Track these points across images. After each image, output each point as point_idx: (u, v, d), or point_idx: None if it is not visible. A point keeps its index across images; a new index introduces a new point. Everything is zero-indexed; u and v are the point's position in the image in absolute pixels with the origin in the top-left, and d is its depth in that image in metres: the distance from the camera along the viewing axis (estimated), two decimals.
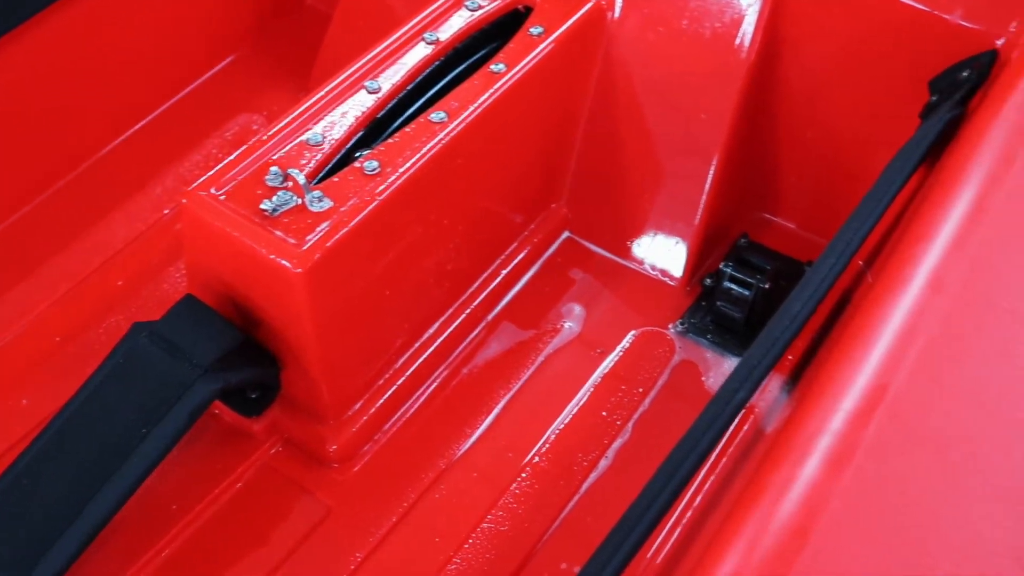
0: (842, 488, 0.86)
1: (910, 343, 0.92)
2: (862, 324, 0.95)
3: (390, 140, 1.36)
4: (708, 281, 1.60)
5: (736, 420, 1.04)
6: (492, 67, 1.46)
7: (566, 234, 1.70)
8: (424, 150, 1.35)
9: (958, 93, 1.31)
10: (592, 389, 1.50)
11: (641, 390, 1.49)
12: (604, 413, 1.47)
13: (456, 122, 1.38)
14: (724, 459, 1.34)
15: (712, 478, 1.32)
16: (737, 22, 1.53)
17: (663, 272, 1.64)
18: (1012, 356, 0.93)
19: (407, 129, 1.38)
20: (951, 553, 0.83)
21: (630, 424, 1.46)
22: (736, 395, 1.01)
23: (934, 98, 1.39)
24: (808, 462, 0.87)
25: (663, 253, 1.64)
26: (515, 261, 1.62)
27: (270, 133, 1.35)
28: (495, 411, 1.48)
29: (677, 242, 1.63)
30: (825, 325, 1.27)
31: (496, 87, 1.44)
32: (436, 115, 1.39)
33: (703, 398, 1.43)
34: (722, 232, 1.68)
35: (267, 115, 1.91)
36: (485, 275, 1.58)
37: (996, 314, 0.95)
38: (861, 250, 1.20)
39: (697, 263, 1.63)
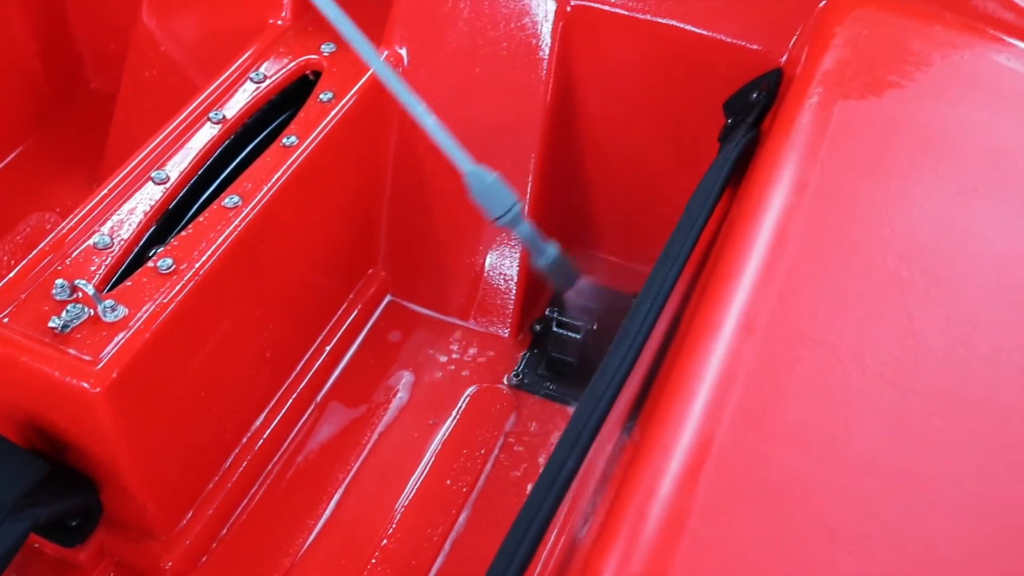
0: (680, 556, 0.83)
1: (728, 392, 0.90)
2: (679, 379, 0.92)
3: (183, 233, 1.29)
4: (537, 327, 1.57)
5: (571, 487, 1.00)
6: (284, 141, 1.40)
7: (388, 298, 1.65)
8: (220, 240, 1.28)
9: (751, 115, 1.32)
10: (433, 459, 1.45)
11: (483, 451, 1.45)
12: (448, 482, 1.42)
13: (251, 205, 1.32)
14: (568, 523, 1.31)
15: (561, 541, 1.29)
16: (530, 65, 1.51)
17: (491, 324, 1.61)
18: (828, 389, 0.92)
19: (200, 219, 1.30)
20: None
21: (475, 491, 1.41)
22: (566, 465, 0.97)
23: (730, 121, 1.39)
24: (644, 532, 0.84)
25: (488, 305, 1.60)
26: (338, 335, 1.56)
27: (51, 241, 1.26)
28: (336, 497, 1.42)
29: (501, 291, 1.60)
30: (654, 364, 1.25)
31: (290, 162, 1.38)
32: (230, 200, 1.32)
33: (547, 451, 1.41)
34: None
35: (60, 211, 1.80)
36: (308, 355, 1.52)
37: (808, 347, 0.95)
38: (679, 284, 1.19)
39: (524, 310, 1.60)
